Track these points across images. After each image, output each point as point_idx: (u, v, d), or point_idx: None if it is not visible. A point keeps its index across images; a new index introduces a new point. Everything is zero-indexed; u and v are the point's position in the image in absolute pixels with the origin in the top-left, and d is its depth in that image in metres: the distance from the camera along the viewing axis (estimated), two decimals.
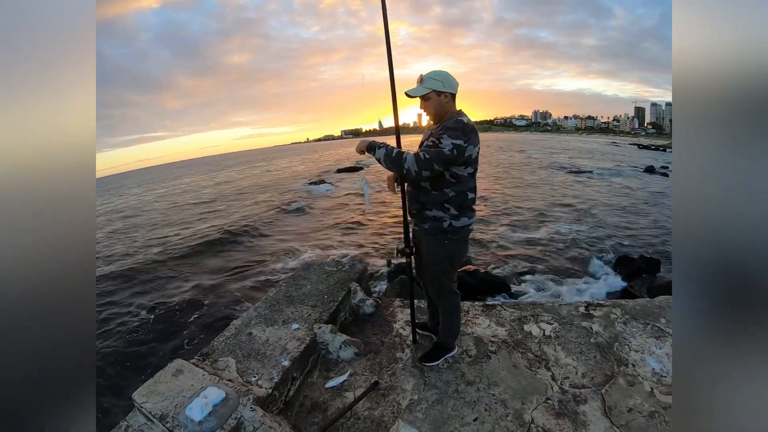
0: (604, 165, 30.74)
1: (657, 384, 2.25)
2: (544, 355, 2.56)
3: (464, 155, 2.01)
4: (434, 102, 2.11)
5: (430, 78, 2.08)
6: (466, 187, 2.15)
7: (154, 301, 7.68)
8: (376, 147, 2.09)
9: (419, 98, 2.13)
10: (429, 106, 2.13)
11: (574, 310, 3.06)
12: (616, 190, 18.58)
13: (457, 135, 1.97)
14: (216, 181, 39.33)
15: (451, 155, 1.97)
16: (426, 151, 1.97)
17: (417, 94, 2.10)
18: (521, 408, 2.14)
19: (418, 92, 2.09)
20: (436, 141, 1.98)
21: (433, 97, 2.10)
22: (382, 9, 2.09)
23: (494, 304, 3.22)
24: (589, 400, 2.17)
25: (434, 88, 2.07)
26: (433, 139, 2.01)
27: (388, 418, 2.14)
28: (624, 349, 2.56)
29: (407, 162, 1.98)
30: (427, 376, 2.42)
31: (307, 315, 2.85)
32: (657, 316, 2.90)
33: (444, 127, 2.02)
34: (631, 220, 12.60)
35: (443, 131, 1.99)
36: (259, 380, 2.21)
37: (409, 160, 1.97)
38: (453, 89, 2.11)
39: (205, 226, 15.32)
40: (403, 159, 1.99)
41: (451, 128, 1.99)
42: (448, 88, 2.09)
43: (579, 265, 8.43)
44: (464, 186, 2.14)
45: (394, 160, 2.02)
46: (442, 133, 1.99)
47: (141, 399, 2.02)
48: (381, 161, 2.08)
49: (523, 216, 13.31)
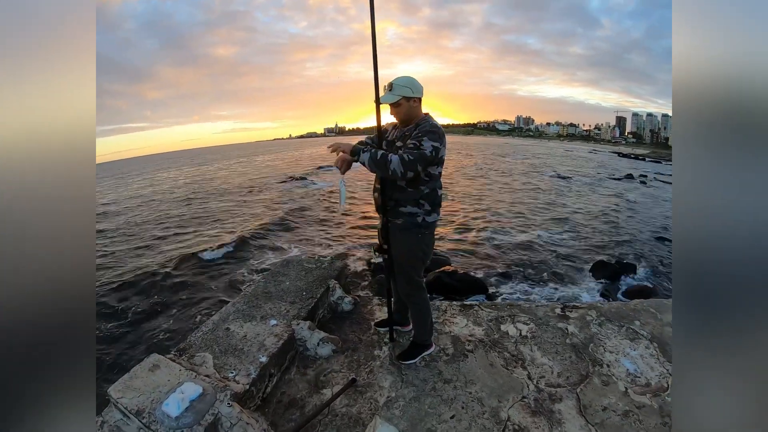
0: (586, 172, 31.20)
1: (631, 384, 2.30)
2: (520, 354, 2.59)
3: (439, 156, 2.14)
4: (404, 108, 2.22)
5: (399, 85, 2.18)
6: (437, 185, 2.27)
7: (130, 295, 7.54)
8: (360, 151, 2.17)
9: (389, 105, 2.22)
10: (400, 111, 2.24)
11: (550, 311, 3.10)
12: (597, 196, 18.88)
13: (434, 138, 2.10)
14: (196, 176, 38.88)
15: (431, 156, 2.09)
16: (409, 153, 2.06)
17: (389, 102, 2.19)
18: (498, 406, 2.16)
19: (389, 100, 2.19)
20: (417, 143, 2.08)
21: (403, 103, 2.20)
22: (370, 11, 2.13)
23: (472, 304, 3.25)
24: (564, 398, 2.20)
25: (404, 95, 2.18)
26: (414, 141, 2.10)
27: (366, 415, 2.13)
28: (599, 350, 2.60)
29: (393, 164, 2.05)
30: (405, 374, 2.42)
31: (285, 311, 2.84)
32: (632, 319, 2.96)
33: (422, 130, 2.13)
34: (610, 225, 12.81)
35: (422, 134, 2.11)
36: (237, 376, 2.20)
37: (395, 162, 2.05)
38: (420, 94, 2.23)
39: (183, 217, 15.16)
40: (388, 161, 2.06)
41: (429, 131, 2.12)
42: (416, 93, 2.21)
43: (557, 269, 8.53)
44: (436, 183, 2.26)
45: (379, 162, 2.08)
46: (421, 136, 2.10)
47: (117, 394, 1.98)
48: (365, 164, 2.15)
49: (504, 219, 13.44)
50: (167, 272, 8.75)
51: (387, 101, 2.18)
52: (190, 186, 27.86)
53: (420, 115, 2.26)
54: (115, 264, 9.68)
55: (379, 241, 2.51)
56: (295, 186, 23.60)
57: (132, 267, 9.37)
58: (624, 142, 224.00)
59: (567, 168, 34.07)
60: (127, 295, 7.57)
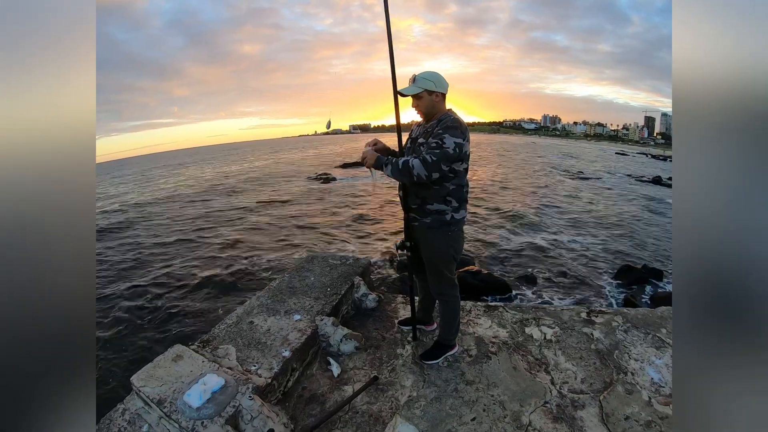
0: (613, 173, 30.63)
1: (655, 394, 2.24)
2: (544, 358, 2.56)
3: (463, 152, 2.11)
4: (426, 101, 2.20)
5: (422, 78, 2.17)
6: (463, 181, 2.25)
7: (156, 287, 7.71)
8: (383, 165, 2.19)
9: (411, 97, 2.22)
10: (420, 104, 2.22)
11: (575, 315, 3.05)
12: (624, 200, 18.51)
13: (456, 134, 2.07)
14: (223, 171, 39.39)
15: (455, 153, 2.07)
16: (431, 154, 2.05)
17: (409, 93, 2.19)
18: (519, 410, 2.14)
19: (410, 91, 2.18)
20: (440, 142, 2.06)
21: (424, 96, 2.19)
22: (384, 9, 2.14)
23: (496, 305, 3.22)
24: (586, 405, 2.17)
25: (426, 88, 2.16)
26: (436, 140, 2.07)
27: (386, 413, 2.14)
28: (624, 357, 2.55)
29: (416, 169, 2.05)
30: (427, 374, 2.42)
31: (309, 306, 2.86)
32: (658, 326, 2.89)
33: (444, 126, 2.10)
34: (637, 229, 12.55)
35: (444, 131, 2.08)
36: (259, 369, 2.22)
37: (417, 167, 2.04)
38: (444, 89, 2.21)
39: (208, 210, 15.41)
40: (410, 167, 2.06)
41: (451, 127, 2.09)
42: (439, 88, 2.18)
43: (582, 272, 8.40)
44: (461, 180, 2.24)
45: (403, 171, 2.09)
46: (442, 133, 2.07)
47: (139, 383, 2.03)
48: (389, 175, 2.17)
49: (529, 220, 13.27)
50: (192, 265, 8.92)
51: (409, 92, 2.18)
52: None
53: (443, 111, 2.24)
54: (144, 259, 9.90)
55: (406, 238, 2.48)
56: (320, 182, 23.72)
57: (157, 260, 9.58)
58: (653, 143, 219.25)
59: (593, 169, 33.48)
60: (154, 286, 7.74)
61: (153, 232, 12.89)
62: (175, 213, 16.39)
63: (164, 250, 10.37)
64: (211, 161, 61.59)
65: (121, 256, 9.94)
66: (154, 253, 10.19)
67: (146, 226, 13.89)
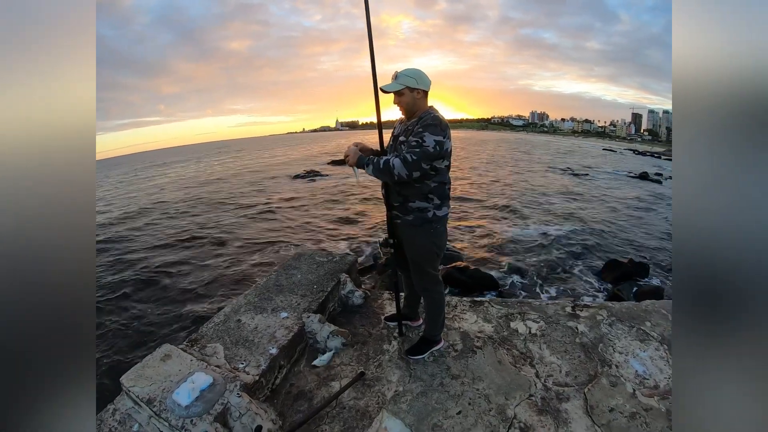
0: (600, 169, 30.89)
1: (639, 386, 2.28)
2: (529, 352, 2.59)
3: (444, 149, 2.12)
4: (407, 98, 2.20)
5: (404, 75, 2.16)
6: (444, 178, 2.26)
7: (142, 286, 7.65)
8: (364, 164, 2.19)
9: (393, 94, 2.21)
10: (402, 101, 2.22)
11: (560, 309, 3.09)
12: (611, 195, 18.68)
13: (436, 132, 2.08)
14: (210, 170, 39.14)
15: (435, 152, 2.08)
16: (412, 153, 2.06)
17: (391, 90, 2.18)
18: (504, 403, 2.17)
19: (391, 88, 2.17)
20: (420, 141, 2.06)
21: (406, 93, 2.19)
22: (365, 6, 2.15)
23: (482, 301, 3.25)
24: (571, 398, 2.20)
25: (407, 85, 2.16)
26: (416, 138, 2.08)
27: (373, 408, 2.16)
28: (608, 350, 2.59)
29: (396, 168, 2.06)
30: (413, 369, 2.44)
31: (296, 304, 2.87)
32: (642, 320, 2.94)
33: (424, 125, 2.10)
34: (623, 224, 12.69)
35: (424, 129, 2.08)
36: (247, 367, 2.23)
37: (398, 166, 2.05)
38: (425, 86, 2.20)
39: (195, 210, 15.31)
40: (391, 166, 2.07)
41: (431, 125, 2.09)
42: (421, 85, 2.18)
43: (568, 267, 8.48)
44: (443, 177, 2.25)
45: (383, 170, 2.10)
46: (422, 131, 2.08)
47: (129, 383, 2.03)
48: (371, 175, 2.18)
49: (516, 215, 13.36)
50: (179, 263, 8.87)
51: (389, 89, 2.17)
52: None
53: (424, 108, 2.24)
54: (129, 259, 9.82)
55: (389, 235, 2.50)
56: (307, 181, 23.66)
57: (143, 258, 9.51)
58: (639, 140, 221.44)
59: (581, 165, 33.73)
60: (141, 285, 7.68)
61: (139, 233, 12.77)
62: (161, 213, 16.26)
63: (150, 251, 10.28)
64: (197, 160, 61.08)
65: (106, 257, 9.85)
66: (139, 253, 10.09)
67: (130, 227, 13.76)
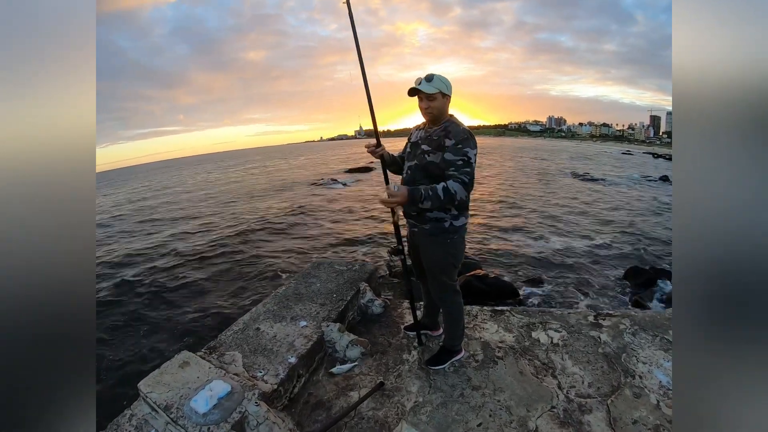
0: (620, 173, 30.48)
1: (663, 397, 2.22)
2: (551, 362, 2.55)
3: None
4: (439, 102, 2.17)
5: (439, 80, 2.13)
6: None
7: (161, 292, 7.74)
8: (420, 200, 2.04)
9: (423, 96, 2.16)
10: (433, 105, 2.17)
11: (582, 318, 3.04)
12: (632, 200, 18.40)
13: (474, 144, 2.08)
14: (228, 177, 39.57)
15: (474, 164, 2.07)
16: (465, 174, 2.02)
17: (427, 91, 2.12)
18: (526, 415, 2.13)
19: (428, 89, 2.12)
20: (467, 159, 2.04)
21: (438, 97, 2.15)
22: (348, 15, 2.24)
23: (503, 310, 3.21)
24: (594, 410, 2.15)
25: (442, 90, 2.13)
26: (462, 157, 2.05)
27: (392, 419, 2.14)
28: (631, 361, 2.54)
29: (459, 194, 2.01)
30: (433, 379, 2.42)
31: (315, 313, 2.87)
32: (666, 328, 2.87)
33: (459, 139, 2.08)
34: (644, 229, 12.46)
35: (463, 145, 2.06)
36: (265, 375, 2.23)
37: (459, 191, 2.00)
38: (451, 94, 2.20)
39: (217, 219, 15.48)
40: (453, 193, 1.99)
41: (467, 139, 2.08)
42: (449, 92, 2.17)
43: (590, 274, 8.35)
44: None
45: (445, 200, 2.01)
46: (462, 147, 2.06)
47: (146, 389, 2.04)
48: (433, 205, 2.07)
49: (536, 223, 13.22)
50: (197, 271, 8.96)
51: (426, 90, 2.11)
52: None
53: (447, 115, 2.22)
54: (145, 260, 9.97)
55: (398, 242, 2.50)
56: (326, 189, 23.78)
57: (161, 264, 9.63)
58: (658, 142, 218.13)
59: (601, 171, 33.31)
60: (161, 292, 7.78)
61: (160, 237, 12.97)
62: (181, 215, 16.50)
63: (169, 257, 10.41)
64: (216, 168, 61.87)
65: (131, 263, 10.01)
66: (159, 260, 10.24)
67: (152, 232, 13.97)
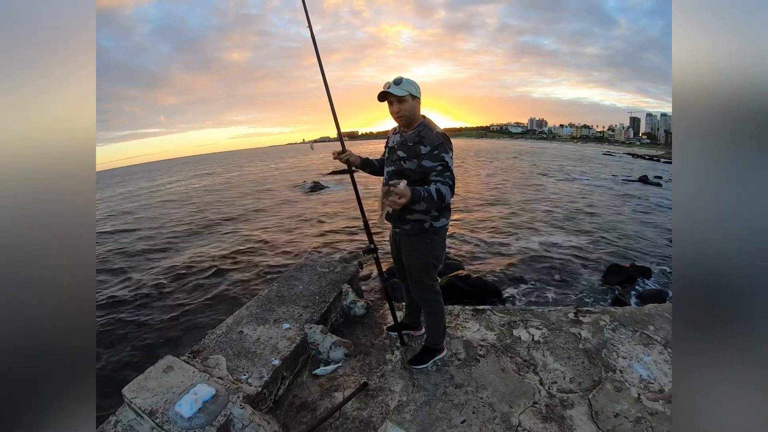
0: (599, 174, 30.92)
1: (644, 390, 2.27)
2: (532, 359, 2.58)
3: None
4: (409, 105, 2.18)
5: (408, 82, 2.15)
6: None
7: (144, 298, 7.64)
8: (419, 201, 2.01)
9: (393, 100, 2.17)
10: (403, 108, 2.18)
11: (563, 316, 3.08)
12: (612, 200, 18.69)
13: (450, 148, 2.12)
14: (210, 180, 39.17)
15: (452, 167, 2.10)
16: (448, 177, 2.05)
17: (397, 94, 2.13)
18: (509, 411, 2.16)
19: (398, 92, 2.13)
20: (445, 164, 2.07)
21: (409, 100, 2.17)
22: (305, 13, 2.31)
23: (484, 309, 3.23)
24: (576, 404, 2.19)
25: (411, 92, 2.15)
26: (440, 163, 2.08)
27: (377, 418, 2.15)
28: (612, 356, 2.58)
29: (447, 196, 2.03)
30: (416, 378, 2.43)
31: (298, 315, 2.86)
32: (646, 324, 2.93)
33: (435, 145, 2.11)
34: (625, 228, 12.68)
35: (439, 150, 2.09)
36: (249, 378, 2.22)
37: (447, 194, 2.03)
38: (420, 96, 2.21)
39: (198, 217, 15.33)
40: (444, 195, 2.02)
41: (441, 143, 2.10)
42: (419, 94, 2.19)
43: (570, 273, 8.46)
44: None
45: (438, 201, 2.02)
46: (438, 152, 2.09)
47: (131, 394, 2.01)
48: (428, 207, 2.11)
49: (517, 223, 13.36)
50: (181, 275, 8.86)
51: (396, 93, 2.12)
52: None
53: (419, 118, 2.24)
54: (134, 264, 9.82)
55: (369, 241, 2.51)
56: (308, 191, 23.69)
57: (146, 269, 9.50)
58: (638, 143, 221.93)
59: (580, 170, 33.77)
60: (143, 297, 7.67)
61: (142, 240, 12.80)
62: (164, 222, 16.29)
63: (152, 262, 10.28)
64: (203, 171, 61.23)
65: (104, 265, 9.85)
66: (141, 263, 10.10)
67: (136, 235, 13.78)
